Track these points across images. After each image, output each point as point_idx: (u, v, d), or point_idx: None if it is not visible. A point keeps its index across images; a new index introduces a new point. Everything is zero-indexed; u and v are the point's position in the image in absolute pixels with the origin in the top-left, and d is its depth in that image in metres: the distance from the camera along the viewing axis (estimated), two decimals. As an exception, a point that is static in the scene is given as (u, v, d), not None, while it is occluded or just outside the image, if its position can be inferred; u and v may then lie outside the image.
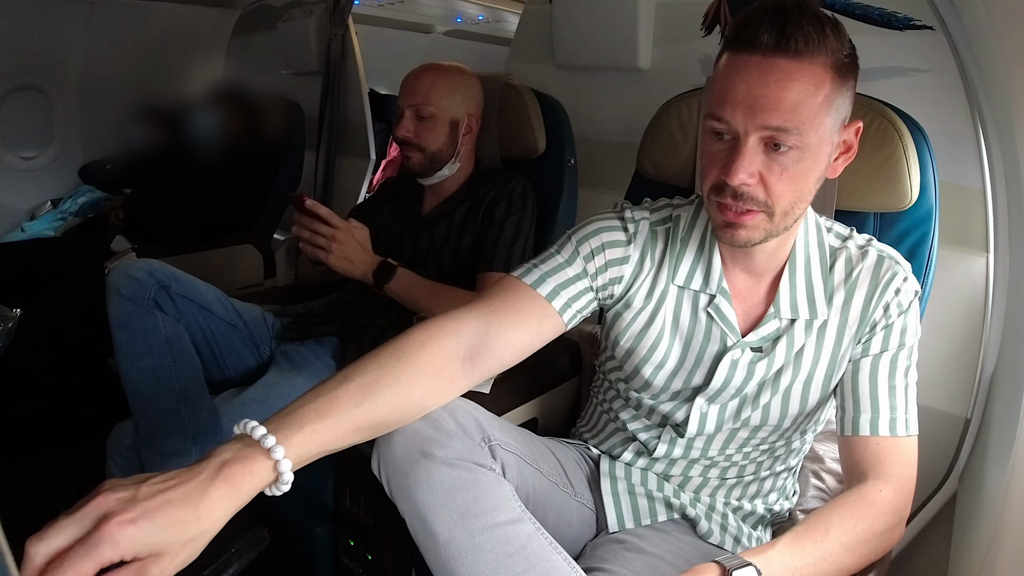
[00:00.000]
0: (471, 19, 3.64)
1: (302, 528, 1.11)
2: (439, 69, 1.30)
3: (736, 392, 0.82)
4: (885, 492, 0.74)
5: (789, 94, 0.65)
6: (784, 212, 0.71)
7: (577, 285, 0.82)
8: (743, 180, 0.68)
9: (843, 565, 0.71)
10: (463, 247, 1.28)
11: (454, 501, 0.69)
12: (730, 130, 0.68)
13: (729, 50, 0.70)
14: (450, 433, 0.72)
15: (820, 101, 0.67)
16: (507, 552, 0.67)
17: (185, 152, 2.20)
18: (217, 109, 2.15)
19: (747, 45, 0.67)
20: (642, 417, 0.90)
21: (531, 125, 1.36)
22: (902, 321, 0.77)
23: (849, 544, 0.71)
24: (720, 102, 0.68)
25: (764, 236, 0.73)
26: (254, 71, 2.60)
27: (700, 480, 0.89)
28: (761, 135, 0.67)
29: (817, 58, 0.66)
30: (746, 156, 0.67)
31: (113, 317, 1.08)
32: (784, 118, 0.66)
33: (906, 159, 0.93)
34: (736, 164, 0.67)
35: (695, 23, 1.47)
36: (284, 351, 1.27)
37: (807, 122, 0.66)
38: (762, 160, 0.68)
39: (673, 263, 0.83)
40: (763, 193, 0.69)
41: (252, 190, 2.13)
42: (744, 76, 0.67)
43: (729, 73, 0.68)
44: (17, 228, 2.41)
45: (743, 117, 0.67)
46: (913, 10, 1.17)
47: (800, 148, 0.67)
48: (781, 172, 0.68)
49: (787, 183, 0.69)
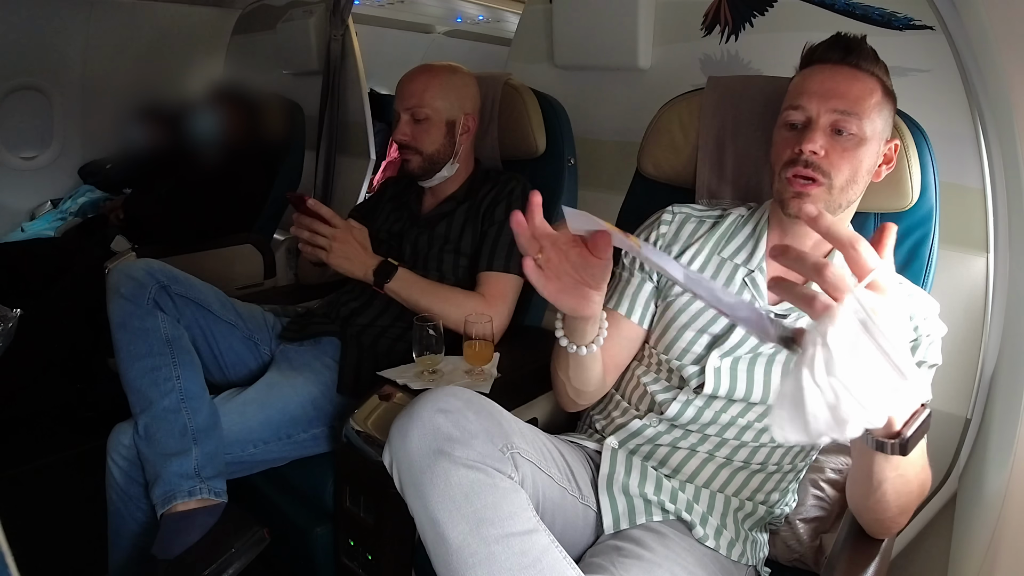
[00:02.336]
0: (471, 19, 3.64)
1: (302, 528, 1.11)
2: (431, 71, 1.30)
3: (752, 349, 0.89)
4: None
5: (853, 88, 0.84)
6: (841, 187, 0.85)
7: (643, 288, 0.99)
8: (815, 148, 0.83)
9: (912, 492, 0.72)
10: (463, 247, 1.28)
11: (471, 506, 0.68)
12: (805, 115, 0.85)
13: (804, 68, 0.90)
14: (473, 434, 0.72)
15: (873, 103, 0.84)
16: (522, 564, 0.66)
17: (185, 152, 2.20)
18: (217, 109, 2.15)
19: (819, 60, 0.88)
20: (662, 379, 0.95)
21: (531, 125, 1.36)
22: (928, 341, 0.84)
23: (923, 480, 0.73)
24: (798, 94, 0.87)
25: (823, 208, 0.80)
26: (254, 71, 2.60)
27: (707, 459, 0.90)
28: (830, 118, 0.84)
29: (871, 73, 0.85)
30: (818, 131, 0.84)
31: (113, 317, 1.08)
32: (849, 104, 0.83)
33: (907, 159, 0.93)
34: (811, 135, 0.84)
35: (695, 23, 1.47)
36: (284, 351, 1.27)
37: (864, 113, 0.83)
38: (829, 140, 0.84)
39: (723, 240, 0.97)
40: (827, 164, 0.84)
41: (252, 190, 2.13)
42: (818, 75, 0.86)
43: (804, 77, 0.88)
44: (17, 228, 2.41)
45: (817, 103, 0.84)
46: (913, 10, 1.17)
47: (858, 136, 0.84)
48: (843, 151, 0.84)
49: (846, 160, 0.84)
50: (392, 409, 1.02)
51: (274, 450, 1.13)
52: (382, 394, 1.06)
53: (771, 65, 1.33)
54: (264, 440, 1.12)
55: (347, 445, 1.01)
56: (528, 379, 1.15)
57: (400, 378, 1.08)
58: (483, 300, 1.22)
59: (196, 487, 1.01)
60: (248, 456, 1.11)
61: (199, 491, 1.01)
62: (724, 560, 0.86)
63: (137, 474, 1.05)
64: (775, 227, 0.94)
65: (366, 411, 1.03)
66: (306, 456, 1.16)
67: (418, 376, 1.09)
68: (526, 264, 0.71)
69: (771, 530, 0.99)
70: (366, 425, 1.00)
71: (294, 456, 1.16)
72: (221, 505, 1.03)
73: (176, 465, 1.01)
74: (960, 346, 1.11)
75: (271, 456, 1.13)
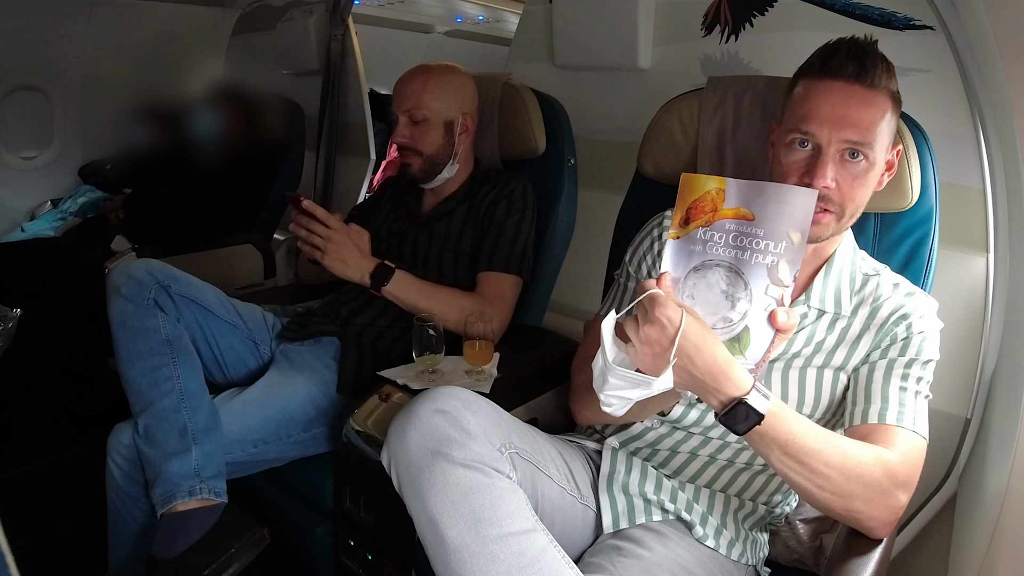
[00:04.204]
0: (471, 19, 3.63)
1: (302, 528, 1.11)
2: (428, 71, 1.30)
3: None
4: (893, 456, 0.75)
5: (866, 115, 0.78)
6: (851, 214, 0.83)
7: None
8: (827, 183, 0.78)
9: (834, 478, 0.71)
10: (463, 247, 1.28)
11: (469, 505, 0.68)
12: (814, 142, 0.80)
13: (812, 76, 0.82)
14: (471, 434, 0.72)
15: (885, 123, 0.80)
16: (520, 564, 0.66)
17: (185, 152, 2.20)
18: (217, 109, 2.15)
19: (831, 73, 0.80)
20: None
21: (531, 125, 1.36)
22: (921, 337, 0.83)
23: (849, 462, 0.72)
24: (807, 118, 0.80)
25: (831, 234, 0.84)
26: (254, 71, 2.60)
27: (708, 462, 0.90)
28: (840, 147, 0.79)
29: (884, 89, 0.80)
30: (828, 164, 0.79)
31: (113, 317, 1.08)
32: (861, 134, 0.78)
33: (907, 159, 0.93)
34: (822, 169, 0.79)
35: (695, 23, 1.47)
36: (284, 351, 1.27)
37: (876, 139, 0.79)
38: (837, 169, 0.80)
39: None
40: (839, 196, 0.80)
41: (252, 190, 2.13)
42: (829, 98, 0.79)
43: (815, 95, 0.80)
44: (17, 228, 2.41)
45: (828, 131, 0.78)
46: (913, 10, 1.17)
47: (869, 160, 0.80)
48: (853, 180, 0.80)
49: (857, 189, 0.81)
50: (392, 409, 1.02)
51: (274, 450, 1.13)
52: (382, 394, 1.06)
53: (771, 65, 1.33)
54: (264, 440, 1.12)
55: (347, 445, 1.01)
56: (528, 379, 1.15)
57: (400, 378, 1.08)
58: (483, 300, 1.22)
59: (196, 487, 1.01)
60: (248, 456, 1.11)
61: (199, 491, 1.01)
62: (724, 560, 0.86)
63: (137, 474, 1.05)
64: None
65: (366, 411, 1.03)
66: (306, 456, 1.16)
67: (418, 376, 1.09)
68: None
69: (771, 530, 0.99)
70: (366, 425, 1.00)
71: (294, 456, 1.16)
72: (221, 505, 1.03)
73: (176, 465, 1.01)
74: (960, 346, 1.11)
75: (271, 456, 1.13)
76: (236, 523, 1.03)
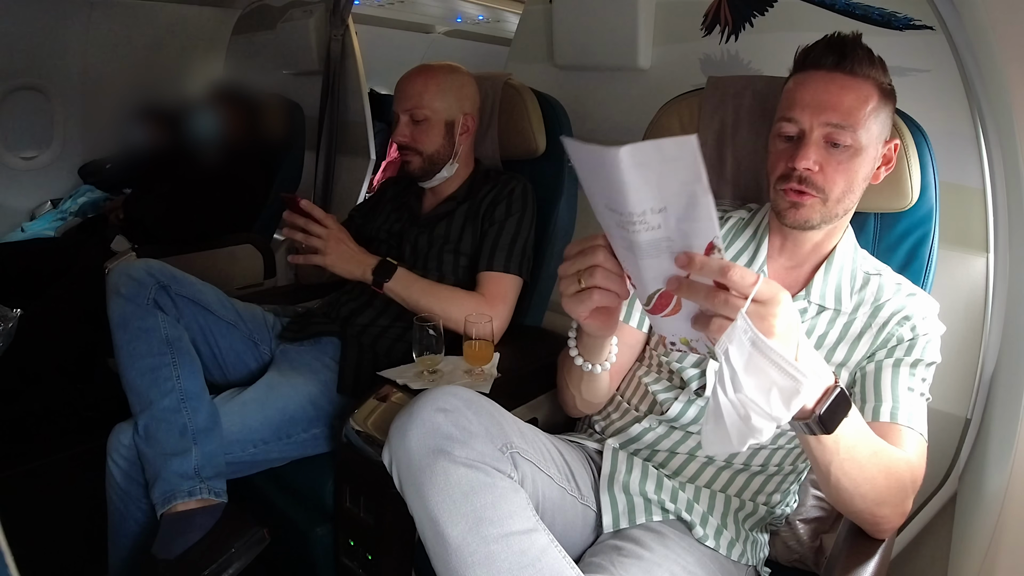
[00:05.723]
0: (471, 19, 3.63)
1: (302, 528, 1.11)
2: (429, 71, 1.30)
3: None
4: (912, 458, 0.76)
5: (845, 99, 0.81)
6: (837, 199, 0.84)
7: None
8: (808, 165, 0.81)
9: (879, 481, 0.71)
10: (463, 247, 1.28)
11: (470, 505, 0.68)
12: (798, 128, 0.83)
13: (797, 71, 0.87)
14: (472, 433, 0.72)
15: (869, 110, 0.82)
16: (521, 563, 0.66)
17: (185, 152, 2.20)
18: (217, 109, 2.15)
19: (813, 64, 0.84)
20: (663, 379, 0.95)
21: (531, 125, 1.36)
22: (926, 339, 0.84)
23: (892, 464, 0.72)
24: (790, 106, 0.84)
25: (820, 220, 0.85)
26: (254, 71, 2.60)
27: (707, 463, 0.90)
28: (823, 131, 0.82)
29: (866, 77, 0.82)
30: (811, 146, 0.82)
31: (113, 317, 1.08)
32: (841, 117, 0.81)
33: (906, 159, 0.93)
34: (803, 151, 0.82)
35: (695, 23, 1.47)
36: (284, 351, 1.27)
37: (859, 124, 0.81)
38: (823, 154, 0.82)
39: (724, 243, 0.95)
40: (822, 179, 0.82)
41: (252, 190, 2.13)
42: (810, 85, 0.83)
43: (798, 85, 0.85)
44: (17, 228, 2.41)
45: (809, 116, 0.82)
46: (913, 10, 1.17)
47: (853, 147, 0.82)
48: (837, 164, 0.82)
49: (841, 173, 0.83)
50: (392, 409, 1.02)
51: (274, 450, 1.13)
52: (382, 394, 1.06)
53: (771, 65, 1.33)
54: (264, 440, 1.12)
55: (347, 445, 1.01)
56: (528, 379, 1.15)
57: (400, 378, 1.08)
58: (483, 300, 1.22)
59: (196, 487, 1.01)
60: (248, 456, 1.11)
61: (199, 491, 1.01)
62: (724, 560, 0.86)
63: (137, 474, 1.05)
64: (775, 231, 0.95)
65: (366, 411, 1.03)
66: (306, 456, 1.16)
67: (418, 376, 1.09)
68: (588, 298, 0.66)
69: (771, 530, 0.99)
70: (366, 425, 1.00)
71: (294, 456, 1.16)
72: (221, 505, 1.03)
73: (176, 465, 1.01)
74: (960, 346, 1.11)
75: (271, 456, 1.13)
76: (236, 523, 1.03)
